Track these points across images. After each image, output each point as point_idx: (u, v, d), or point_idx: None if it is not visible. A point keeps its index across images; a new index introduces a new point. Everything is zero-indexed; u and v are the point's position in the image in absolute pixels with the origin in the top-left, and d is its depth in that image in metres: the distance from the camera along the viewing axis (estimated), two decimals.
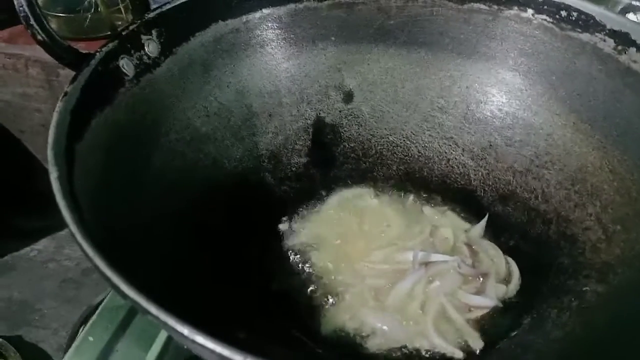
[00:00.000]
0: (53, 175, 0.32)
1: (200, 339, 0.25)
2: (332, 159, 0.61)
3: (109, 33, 0.84)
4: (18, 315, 0.90)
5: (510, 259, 0.52)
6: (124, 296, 0.27)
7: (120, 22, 0.85)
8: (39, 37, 0.42)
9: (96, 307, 0.53)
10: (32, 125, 0.95)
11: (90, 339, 0.49)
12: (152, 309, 0.26)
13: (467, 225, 0.56)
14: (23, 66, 0.85)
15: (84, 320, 0.79)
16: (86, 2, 0.83)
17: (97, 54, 0.42)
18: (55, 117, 0.37)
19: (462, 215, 0.57)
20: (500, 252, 0.53)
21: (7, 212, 1.00)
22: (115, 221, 0.37)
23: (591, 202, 0.50)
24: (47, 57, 0.44)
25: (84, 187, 0.35)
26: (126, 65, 0.45)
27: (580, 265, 0.48)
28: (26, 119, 0.94)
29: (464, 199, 0.58)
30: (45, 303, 0.92)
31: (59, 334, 0.88)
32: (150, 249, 0.41)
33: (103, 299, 0.53)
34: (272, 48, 0.58)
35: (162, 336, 0.49)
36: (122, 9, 0.83)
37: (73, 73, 0.41)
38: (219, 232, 0.50)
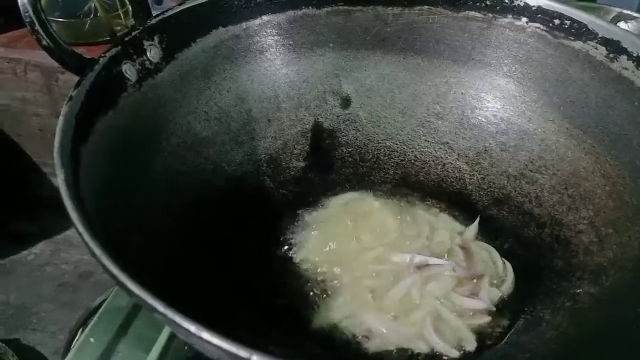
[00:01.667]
0: (60, 178, 0.33)
1: (207, 335, 0.26)
2: (330, 164, 0.62)
3: (108, 38, 0.85)
4: (16, 318, 0.91)
5: (505, 261, 0.53)
6: (130, 294, 0.28)
7: (119, 27, 0.85)
8: (44, 42, 0.43)
9: (94, 310, 0.53)
10: (29, 129, 0.96)
11: (92, 340, 0.49)
12: (159, 306, 0.27)
13: (462, 228, 0.56)
14: (22, 70, 0.86)
15: (81, 324, 0.79)
16: (86, 8, 0.84)
17: (101, 59, 0.43)
18: (60, 120, 0.37)
19: (457, 218, 0.58)
20: (497, 253, 0.53)
21: (3, 215, 1.00)
22: (118, 224, 0.38)
23: (584, 206, 0.51)
24: (46, 61, 0.45)
25: (89, 190, 0.35)
26: (129, 70, 0.46)
27: (574, 268, 0.49)
28: (24, 123, 0.95)
29: (460, 203, 0.59)
30: (43, 306, 0.93)
31: (57, 337, 0.88)
32: (153, 251, 0.41)
33: (100, 302, 0.54)
34: (271, 54, 0.58)
35: (163, 337, 0.49)
36: (121, 14, 0.84)
37: (72, 78, 0.42)
38: (219, 234, 0.50)
